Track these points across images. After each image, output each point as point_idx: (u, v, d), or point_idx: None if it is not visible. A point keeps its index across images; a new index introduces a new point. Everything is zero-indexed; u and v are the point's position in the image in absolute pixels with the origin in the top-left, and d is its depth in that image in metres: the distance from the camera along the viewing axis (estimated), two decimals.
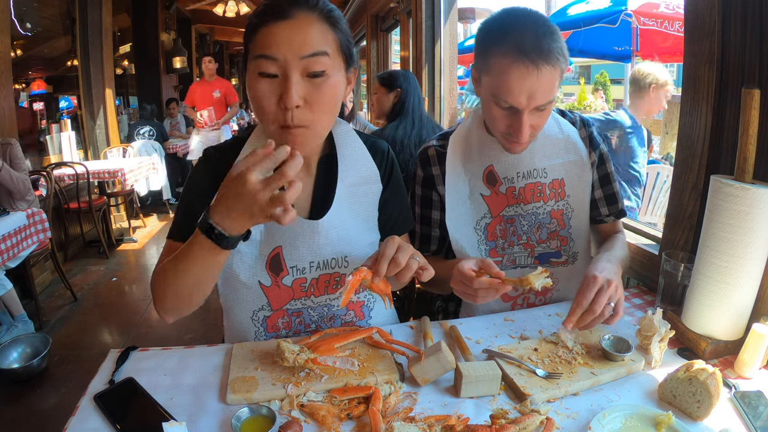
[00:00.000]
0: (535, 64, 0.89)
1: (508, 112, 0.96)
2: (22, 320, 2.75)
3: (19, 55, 4.30)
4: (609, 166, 1.16)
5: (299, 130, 0.80)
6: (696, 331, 0.91)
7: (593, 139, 1.14)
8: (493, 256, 1.14)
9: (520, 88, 0.91)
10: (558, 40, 0.92)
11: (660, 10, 4.34)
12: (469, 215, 1.13)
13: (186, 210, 0.92)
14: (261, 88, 0.79)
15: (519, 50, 0.90)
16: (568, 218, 1.13)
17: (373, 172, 0.99)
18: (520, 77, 0.90)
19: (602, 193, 1.17)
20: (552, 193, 1.12)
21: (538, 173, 1.10)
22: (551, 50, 0.90)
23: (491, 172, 1.11)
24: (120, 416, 0.75)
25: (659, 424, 0.70)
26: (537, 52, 0.89)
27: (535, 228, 1.13)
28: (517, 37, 0.91)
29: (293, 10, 0.78)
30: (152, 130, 5.89)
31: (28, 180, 2.90)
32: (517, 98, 0.92)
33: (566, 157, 1.11)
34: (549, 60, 0.90)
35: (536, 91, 0.91)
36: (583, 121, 1.16)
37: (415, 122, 2.24)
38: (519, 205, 1.11)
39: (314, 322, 1.00)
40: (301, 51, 0.77)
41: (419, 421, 0.70)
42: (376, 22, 5.77)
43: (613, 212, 1.18)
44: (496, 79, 0.94)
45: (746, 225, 0.83)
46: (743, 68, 1.02)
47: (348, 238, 0.96)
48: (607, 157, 1.16)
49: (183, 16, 8.59)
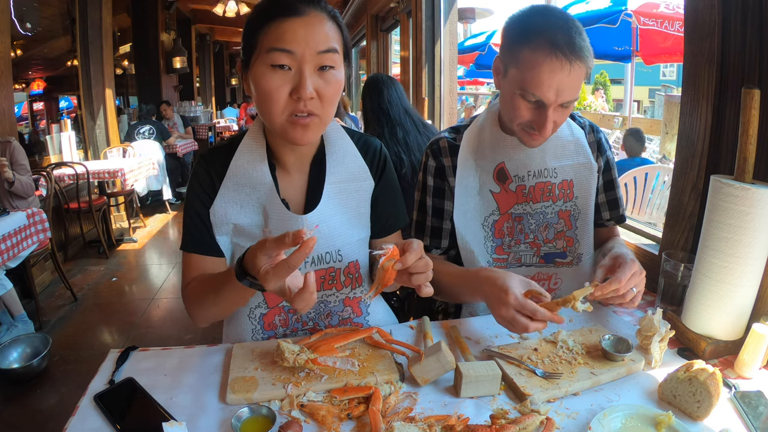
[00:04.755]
0: (568, 59, 0.90)
1: (533, 106, 0.97)
2: (22, 320, 2.76)
3: (19, 55, 4.30)
4: (614, 172, 1.18)
5: (311, 118, 0.84)
6: (696, 331, 0.91)
7: (601, 144, 1.16)
8: (499, 253, 1.14)
9: (550, 82, 0.92)
10: (586, 39, 0.94)
11: (660, 10, 4.35)
12: (477, 211, 1.13)
13: (191, 218, 0.96)
14: (273, 79, 0.80)
15: (553, 45, 0.91)
16: (575, 219, 1.14)
17: (362, 169, 1.00)
18: (551, 72, 0.91)
19: (605, 197, 1.18)
20: (561, 194, 1.12)
21: (548, 173, 1.11)
22: (582, 48, 0.92)
23: (502, 169, 1.11)
24: (120, 416, 0.75)
25: (659, 424, 0.70)
26: (570, 48, 0.90)
27: (542, 227, 1.13)
28: (551, 32, 0.92)
29: (307, 8, 0.81)
30: (152, 129, 5.89)
31: (32, 183, 2.94)
32: (546, 93, 0.93)
33: (576, 159, 1.12)
34: (580, 57, 0.91)
35: (565, 87, 0.92)
36: (592, 126, 1.17)
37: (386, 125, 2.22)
38: (528, 204, 1.12)
39: (311, 320, 1.01)
40: (318, 47, 0.80)
41: (419, 421, 0.70)
42: (376, 22, 5.77)
43: (614, 216, 1.19)
44: (526, 73, 0.94)
45: (746, 225, 0.83)
46: (743, 68, 1.02)
47: (339, 232, 0.97)
48: (612, 163, 1.18)
49: (183, 16, 8.60)
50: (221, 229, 0.95)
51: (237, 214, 0.94)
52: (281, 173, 0.97)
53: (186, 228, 0.97)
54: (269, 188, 0.93)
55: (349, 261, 0.99)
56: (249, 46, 0.83)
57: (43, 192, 3.60)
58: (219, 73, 13.15)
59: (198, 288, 0.94)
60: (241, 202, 0.94)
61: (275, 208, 0.93)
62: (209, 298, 0.90)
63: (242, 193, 0.93)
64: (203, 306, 0.92)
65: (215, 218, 0.94)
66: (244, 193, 0.93)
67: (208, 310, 0.92)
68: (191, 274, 0.96)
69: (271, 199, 0.93)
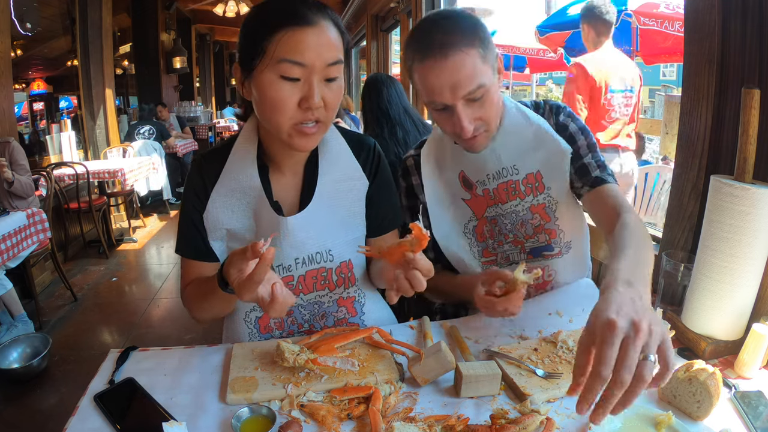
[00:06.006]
0: (443, 53, 0.89)
1: (445, 113, 0.96)
2: (22, 320, 2.75)
3: (19, 55, 4.30)
4: (580, 141, 1.09)
5: (316, 126, 0.85)
6: (696, 331, 0.91)
7: (559, 122, 1.10)
8: (486, 255, 1.14)
9: (438, 83, 0.91)
10: (463, 24, 0.91)
11: (660, 10, 4.34)
12: (456, 220, 1.13)
13: (185, 224, 0.97)
14: (283, 90, 0.80)
15: (425, 50, 0.91)
16: (553, 210, 1.10)
17: (355, 169, 1.00)
18: (433, 73, 0.91)
19: (573, 169, 1.09)
20: (528, 189, 1.10)
21: (507, 171, 1.09)
22: (454, 36, 0.90)
23: (464, 177, 1.11)
24: (120, 416, 0.75)
25: (659, 424, 0.70)
26: (439, 44, 0.90)
27: (518, 225, 1.11)
28: (419, 38, 0.93)
29: (316, 17, 0.80)
30: (152, 130, 5.89)
31: (32, 183, 2.94)
32: (440, 94, 0.92)
33: (538, 149, 1.08)
34: (454, 46, 0.89)
35: (455, 81, 0.90)
36: (551, 108, 1.12)
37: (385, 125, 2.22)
38: (497, 206, 1.11)
39: (306, 321, 1.01)
40: (327, 59, 0.80)
41: (419, 421, 0.70)
42: (376, 22, 5.77)
43: (587, 183, 1.07)
44: (420, 85, 0.95)
45: (746, 225, 0.83)
46: (743, 68, 1.02)
47: (330, 232, 0.98)
48: (575, 133, 1.10)
49: (183, 16, 8.59)
50: (215, 234, 0.96)
51: (229, 219, 0.95)
52: (275, 174, 0.97)
53: (180, 232, 0.98)
54: (258, 191, 0.93)
55: (341, 261, 0.99)
56: (253, 51, 0.80)
57: (43, 192, 3.60)
58: (219, 73, 13.14)
59: (192, 292, 0.96)
60: (232, 207, 0.94)
61: (265, 211, 0.93)
62: (202, 302, 0.94)
63: (233, 198, 0.94)
64: (200, 309, 0.96)
65: (208, 223, 0.95)
66: (234, 197, 0.94)
67: (205, 311, 0.96)
68: (188, 278, 0.98)
69: (261, 202, 0.93)
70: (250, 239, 0.95)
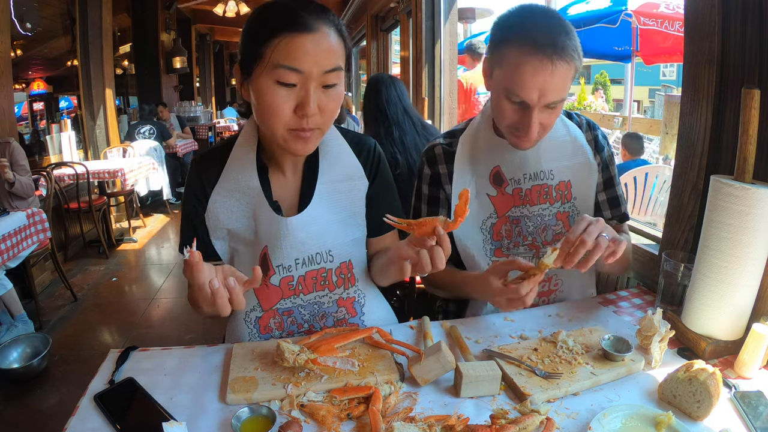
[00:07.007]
0: (550, 59, 0.89)
1: (518, 107, 0.95)
2: (22, 320, 2.75)
3: (19, 55, 4.31)
4: (613, 169, 1.16)
5: (313, 132, 0.84)
6: (696, 331, 0.91)
7: (598, 142, 1.14)
8: (498, 255, 1.14)
9: (532, 83, 0.91)
10: (574, 38, 0.92)
11: (660, 10, 4.34)
12: (475, 215, 1.13)
13: (186, 224, 0.98)
14: (279, 95, 0.80)
15: (534, 44, 0.89)
16: (574, 221, 1.13)
17: (356, 169, 1.00)
18: (533, 72, 0.90)
19: (605, 196, 1.17)
20: (558, 195, 1.12)
21: (545, 175, 1.10)
22: (566, 47, 0.90)
23: (498, 172, 1.11)
24: (120, 416, 0.75)
25: (659, 424, 0.70)
26: (552, 48, 0.89)
27: (540, 229, 1.12)
28: (533, 31, 0.90)
29: (316, 23, 0.79)
30: (152, 129, 5.89)
31: (32, 183, 2.94)
32: (529, 94, 0.92)
33: (573, 159, 1.11)
34: (564, 56, 0.90)
35: (548, 88, 0.91)
36: (589, 123, 1.16)
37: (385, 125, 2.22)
38: (525, 206, 1.11)
39: (306, 322, 1.01)
40: (325, 66, 0.80)
41: (419, 421, 0.70)
42: (376, 22, 5.77)
43: (616, 215, 1.17)
44: (509, 73, 0.93)
45: (746, 225, 0.83)
46: (743, 68, 1.02)
47: (330, 232, 0.97)
48: (611, 160, 1.16)
49: (183, 16, 8.59)
50: (217, 234, 0.96)
51: (229, 219, 0.95)
52: (275, 174, 0.97)
53: (182, 232, 0.99)
54: (257, 192, 0.93)
55: (341, 261, 0.99)
56: (252, 54, 0.81)
57: (43, 192, 3.60)
58: (219, 73, 13.14)
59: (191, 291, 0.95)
60: (232, 208, 0.94)
61: (264, 211, 0.93)
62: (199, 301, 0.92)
63: (233, 198, 0.94)
64: (199, 308, 0.94)
65: (210, 223, 0.95)
66: (234, 198, 0.94)
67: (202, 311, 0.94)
68: None
69: (260, 202, 0.93)
70: (250, 239, 0.95)
